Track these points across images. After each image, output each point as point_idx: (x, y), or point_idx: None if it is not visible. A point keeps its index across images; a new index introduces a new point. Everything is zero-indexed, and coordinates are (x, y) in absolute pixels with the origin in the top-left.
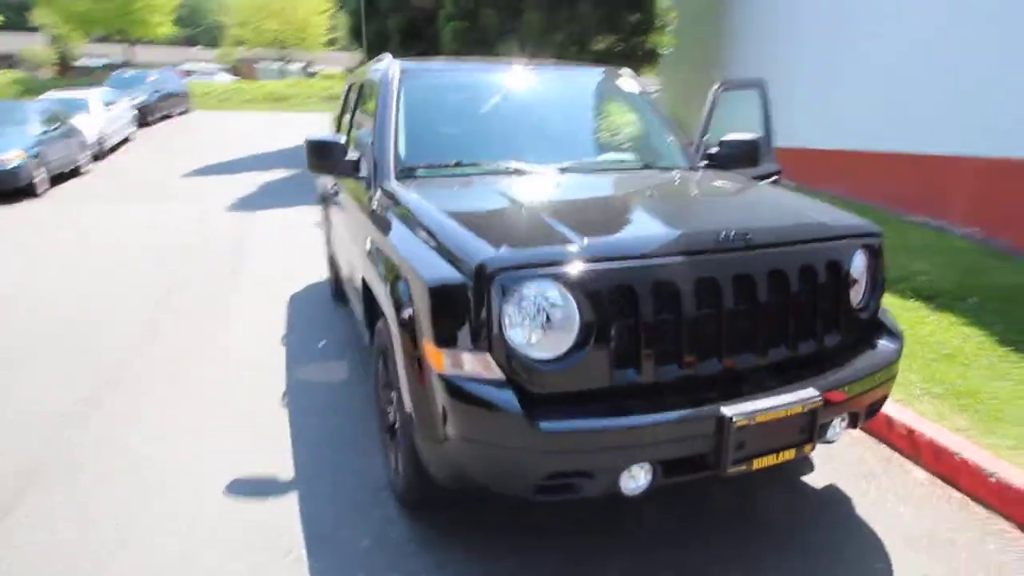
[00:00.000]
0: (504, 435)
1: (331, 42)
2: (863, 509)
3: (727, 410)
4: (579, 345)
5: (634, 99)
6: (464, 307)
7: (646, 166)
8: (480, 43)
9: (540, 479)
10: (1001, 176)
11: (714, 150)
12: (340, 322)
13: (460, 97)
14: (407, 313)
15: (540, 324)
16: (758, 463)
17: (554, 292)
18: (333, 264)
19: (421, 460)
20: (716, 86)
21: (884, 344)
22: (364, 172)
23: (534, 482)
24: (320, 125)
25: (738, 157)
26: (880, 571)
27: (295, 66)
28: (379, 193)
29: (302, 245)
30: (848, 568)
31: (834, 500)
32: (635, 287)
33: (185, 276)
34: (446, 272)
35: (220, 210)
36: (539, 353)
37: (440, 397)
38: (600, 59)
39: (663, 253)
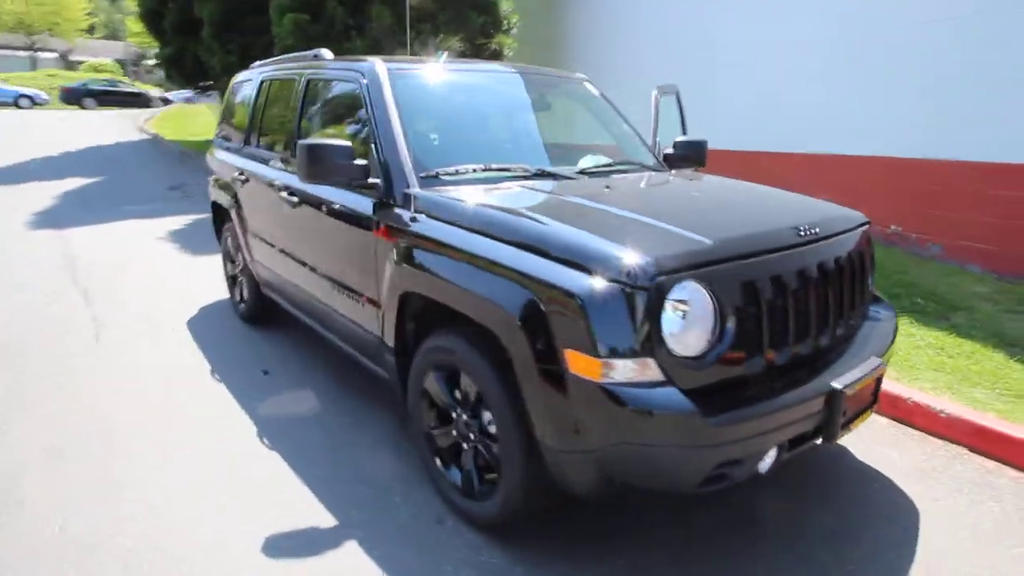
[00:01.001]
0: (676, 434)
1: (91, 29)
2: (860, 456)
3: (836, 383)
4: (718, 339)
5: (602, 103)
6: (619, 313)
7: (643, 167)
8: (323, 39)
9: (707, 472)
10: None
11: (669, 151)
12: (267, 345)
13: (453, 100)
14: (536, 328)
15: (690, 323)
16: (852, 426)
17: (699, 291)
18: (248, 281)
19: (553, 475)
20: (656, 92)
21: (885, 313)
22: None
23: (701, 476)
24: (118, 124)
25: (690, 157)
26: (898, 501)
27: (48, 55)
28: (406, 201)
29: (159, 265)
30: (875, 504)
31: (831, 455)
32: (756, 281)
33: (24, 326)
34: (588, 281)
35: (24, 230)
36: (689, 351)
37: (598, 406)
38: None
39: (773, 248)
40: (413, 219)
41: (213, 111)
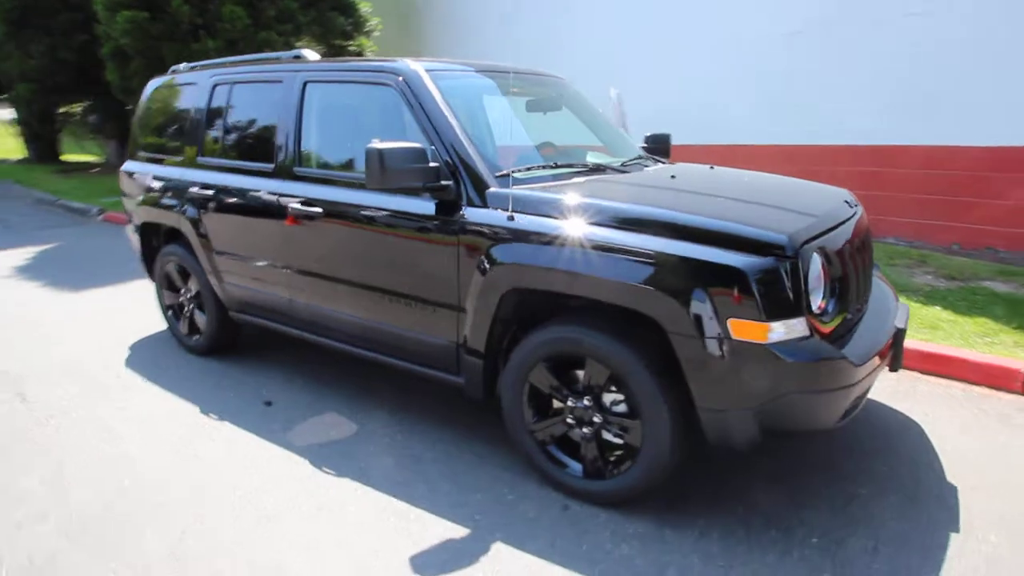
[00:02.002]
0: (831, 378)
1: None
2: None
3: (898, 323)
4: (831, 296)
5: (588, 102)
6: (776, 281)
7: (656, 160)
8: (167, 38)
9: (847, 407)
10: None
11: (642, 144)
12: (241, 373)
13: (485, 100)
14: (698, 304)
15: (816, 284)
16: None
17: (818, 257)
18: (210, 307)
19: (713, 435)
20: (614, 93)
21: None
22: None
23: (842, 411)
24: None
25: (659, 150)
26: (899, 417)
27: None
28: (496, 200)
29: (38, 310)
30: (886, 421)
31: None
32: (837, 247)
33: None
34: (746, 257)
35: None
36: (817, 308)
37: (765, 365)
38: None
39: (843, 220)
40: (511, 218)
41: (7, 129)
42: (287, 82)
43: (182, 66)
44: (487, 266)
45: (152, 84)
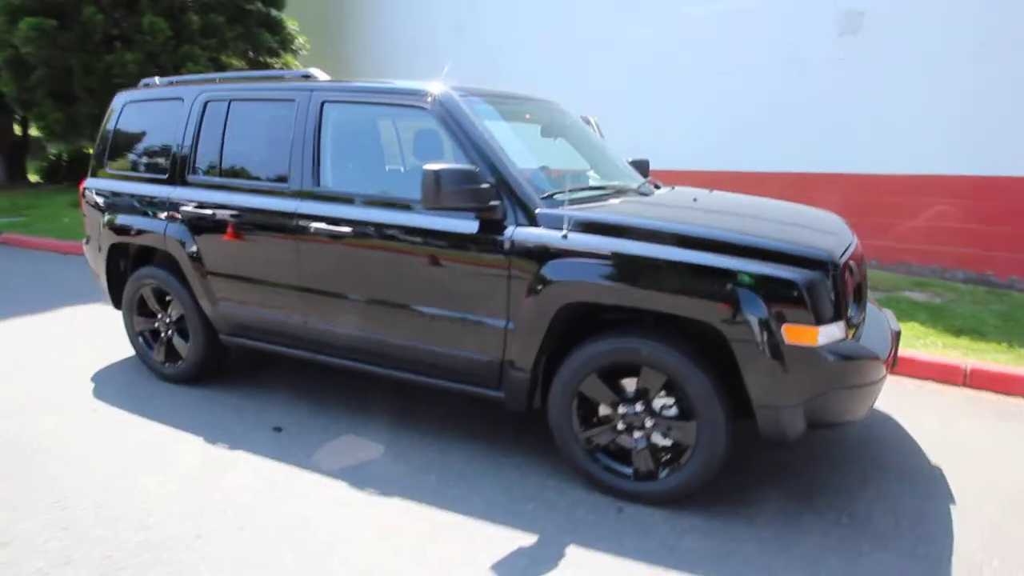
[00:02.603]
0: (868, 374)
1: None
2: None
3: (895, 327)
4: (854, 305)
5: (586, 128)
6: (825, 292)
7: (655, 185)
8: (77, 49)
9: (874, 400)
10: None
11: None
12: (235, 399)
13: (515, 121)
14: (757, 313)
15: (847, 294)
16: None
17: (848, 271)
18: (197, 332)
19: (768, 430)
20: (594, 119)
21: None
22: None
23: (871, 404)
24: None
25: (641, 175)
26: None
27: None
28: (546, 220)
29: None
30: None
31: None
32: (853, 262)
33: None
34: (800, 271)
35: None
36: (850, 315)
37: (816, 364)
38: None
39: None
40: (565, 236)
41: None
42: (301, 101)
43: (157, 80)
44: (542, 283)
45: (123, 98)
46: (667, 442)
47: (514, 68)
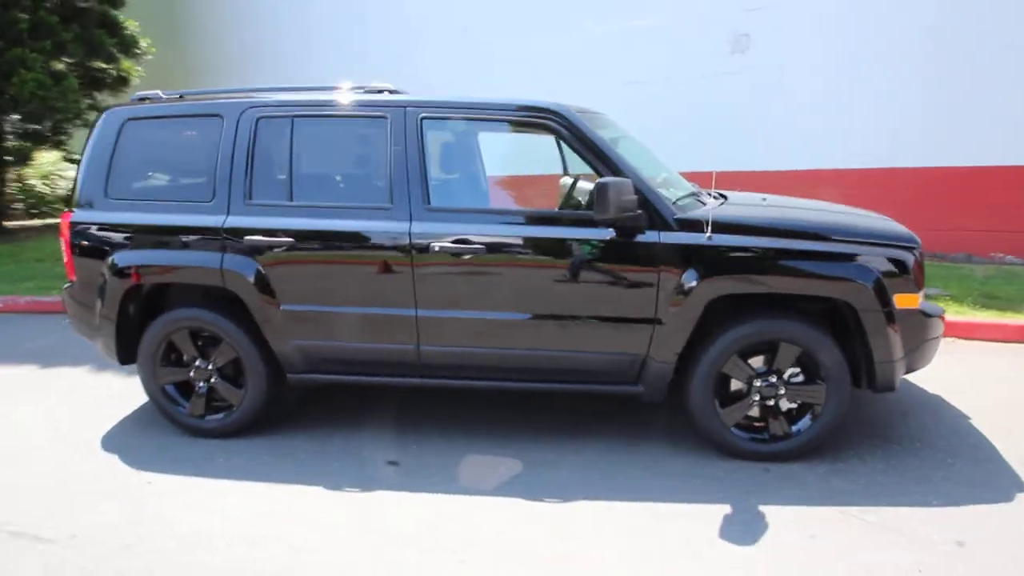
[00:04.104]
0: (940, 329)
1: None
2: None
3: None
4: None
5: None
6: (916, 266)
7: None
8: None
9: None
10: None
11: None
12: (306, 444)
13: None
14: (879, 287)
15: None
16: None
17: None
18: (256, 375)
19: (883, 381)
20: None
21: None
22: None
23: (934, 355)
24: None
25: None
26: None
27: None
28: (686, 225)
29: None
30: None
31: None
32: None
33: None
34: (904, 252)
35: None
36: None
37: (918, 323)
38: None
39: None
40: (710, 238)
41: None
42: (394, 118)
43: (161, 94)
44: (693, 280)
45: (119, 115)
46: (793, 405)
47: (408, 82)
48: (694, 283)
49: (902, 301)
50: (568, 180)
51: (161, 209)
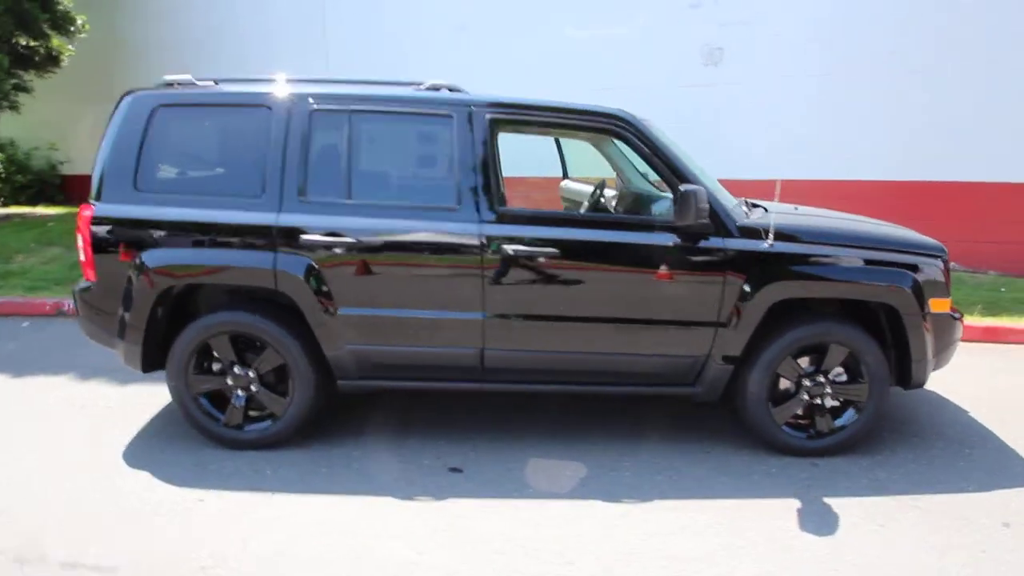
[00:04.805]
0: (960, 332)
1: None
2: None
3: None
4: None
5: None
6: (946, 273)
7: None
8: None
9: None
10: None
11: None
12: (356, 452)
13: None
14: (917, 292)
15: None
16: None
17: None
18: (303, 381)
19: (917, 379)
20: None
21: None
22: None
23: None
24: None
25: None
26: None
27: None
28: (747, 232)
29: None
30: None
31: None
32: None
33: None
34: (936, 261)
35: None
36: None
37: (950, 326)
38: None
39: None
40: (771, 245)
41: None
42: (459, 118)
43: (193, 79)
44: (754, 285)
45: (147, 100)
46: (836, 403)
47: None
48: (758, 288)
49: (936, 305)
50: (569, 184)
51: (200, 204)
